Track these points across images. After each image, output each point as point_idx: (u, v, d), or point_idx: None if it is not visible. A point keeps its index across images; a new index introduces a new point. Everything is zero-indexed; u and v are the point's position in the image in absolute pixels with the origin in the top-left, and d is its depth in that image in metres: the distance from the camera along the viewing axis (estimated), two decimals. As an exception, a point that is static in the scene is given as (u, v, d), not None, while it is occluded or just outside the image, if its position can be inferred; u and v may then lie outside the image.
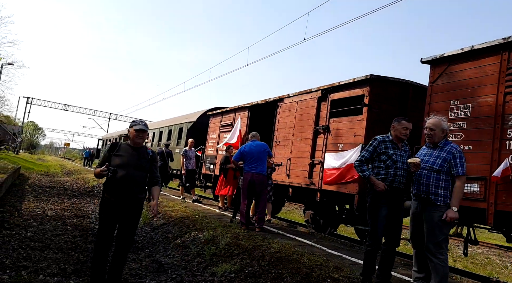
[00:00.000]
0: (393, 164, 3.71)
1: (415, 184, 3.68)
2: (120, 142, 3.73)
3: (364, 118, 6.65)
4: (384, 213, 3.66)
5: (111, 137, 30.24)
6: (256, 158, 6.47)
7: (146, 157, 3.69)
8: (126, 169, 3.52)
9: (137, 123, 3.67)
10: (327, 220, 7.72)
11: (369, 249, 3.73)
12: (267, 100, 9.60)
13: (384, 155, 3.75)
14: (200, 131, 14.14)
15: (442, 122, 3.67)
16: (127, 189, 3.58)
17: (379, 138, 3.86)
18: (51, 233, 6.40)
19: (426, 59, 5.57)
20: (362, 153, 3.88)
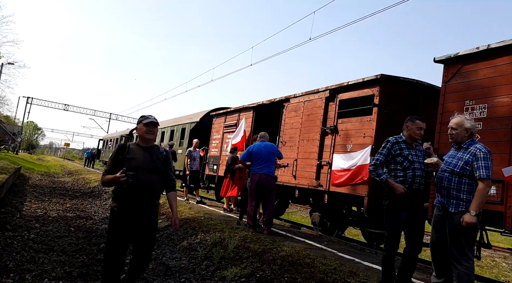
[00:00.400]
0: (410, 165, 3.58)
1: (437, 187, 3.54)
2: (128, 143, 3.23)
3: (374, 119, 6.52)
4: (404, 216, 3.53)
5: (112, 138, 30.11)
6: (264, 159, 6.35)
7: (160, 158, 3.22)
8: (140, 174, 3.01)
9: (146, 117, 3.20)
10: (335, 222, 7.59)
11: (386, 253, 3.60)
12: (272, 100, 9.48)
13: (399, 157, 3.61)
14: (203, 131, 14.01)
15: (466, 121, 3.52)
16: (144, 197, 3.06)
17: (392, 140, 3.72)
18: (54, 235, 6.27)
19: (439, 58, 5.45)
20: (376, 156, 3.73)
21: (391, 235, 3.57)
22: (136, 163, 3.06)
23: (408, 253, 3.56)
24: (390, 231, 3.59)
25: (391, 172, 3.65)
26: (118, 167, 3.02)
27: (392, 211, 3.57)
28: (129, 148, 3.16)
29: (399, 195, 3.50)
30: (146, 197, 3.08)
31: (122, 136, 26.34)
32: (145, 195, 3.07)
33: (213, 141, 12.64)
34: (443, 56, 5.41)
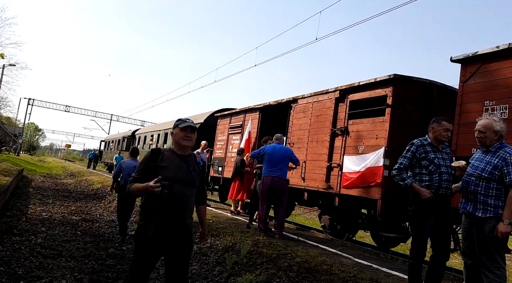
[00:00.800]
0: (436, 169, 3.42)
1: (463, 192, 3.40)
2: (162, 149, 2.73)
3: (387, 120, 6.38)
4: (431, 223, 3.38)
5: (113, 139, 29.98)
6: (277, 162, 6.20)
7: (196, 169, 2.73)
8: (175, 186, 2.52)
9: (183, 120, 2.70)
10: (346, 225, 7.45)
11: (412, 261, 3.44)
12: (279, 101, 9.35)
13: (424, 160, 3.45)
14: (208, 133, 13.86)
15: (494, 123, 3.37)
16: (178, 214, 2.58)
17: (416, 142, 3.56)
18: (62, 239, 6.14)
19: (456, 57, 5.32)
20: (400, 160, 3.56)
21: (417, 242, 3.42)
22: (170, 174, 2.57)
23: (435, 261, 3.42)
24: (416, 238, 3.44)
25: (416, 176, 3.49)
26: (149, 175, 2.58)
27: (418, 217, 3.42)
28: (163, 155, 2.68)
29: (425, 200, 3.35)
30: (180, 214, 2.60)
31: (125, 137, 26.20)
32: (179, 211, 2.59)
33: (218, 143, 12.50)
34: (461, 56, 5.28)
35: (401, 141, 6.46)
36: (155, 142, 19.52)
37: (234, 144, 11.30)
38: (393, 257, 5.52)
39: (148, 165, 2.63)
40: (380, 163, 6.28)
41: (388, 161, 6.29)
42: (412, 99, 6.57)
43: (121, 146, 26.28)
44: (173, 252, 2.61)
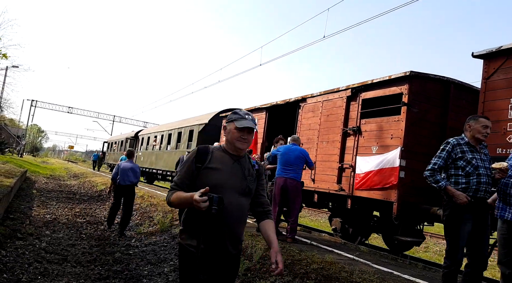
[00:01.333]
0: (474, 170, 3.17)
1: (501, 195, 3.17)
2: (211, 147, 2.21)
3: (402, 118, 6.15)
4: (468, 229, 3.13)
5: (117, 140, 29.81)
6: (292, 163, 5.97)
7: (252, 173, 2.20)
8: (228, 195, 2.01)
9: (241, 115, 2.14)
10: (358, 228, 7.21)
11: (447, 271, 3.19)
12: (287, 100, 9.12)
13: (461, 161, 3.20)
14: (212, 133, 13.66)
15: None
16: (231, 231, 2.07)
17: (452, 141, 3.30)
18: (66, 243, 5.94)
19: (479, 53, 5.09)
20: (434, 160, 3.31)
21: (453, 250, 3.17)
22: (222, 178, 2.07)
23: (472, 270, 3.16)
24: (451, 245, 3.19)
25: (451, 178, 3.25)
26: (194, 181, 2.08)
27: (453, 223, 3.17)
28: (212, 154, 2.15)
29: (461, 205, 3.11)
30: (232, 229, 2.07)
31: (128, 138, 26.02)
32: (232, 226, 2.07)
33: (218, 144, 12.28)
34: (483, 51, 5.05)
35: (417, 141, 6.25)
36: (158, 143, 19.33)
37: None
38: (411, 262, 5.28)
39: (194, 166, 2.10)
40: (396, 164, 6.05)
41: (405, 162, 6.06)
42: (428, 97, 6.33)
43: (124, 147, 26.10)
44: (218, 274, 2.10)
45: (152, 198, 11.03)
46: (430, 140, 6.37)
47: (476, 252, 3.15)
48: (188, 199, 1.93)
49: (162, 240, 6.77)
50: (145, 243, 6.61)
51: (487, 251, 3.24)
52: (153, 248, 6.26)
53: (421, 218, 6.40)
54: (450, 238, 3.20)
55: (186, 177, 2.11)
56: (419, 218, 6.40)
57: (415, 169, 6.20)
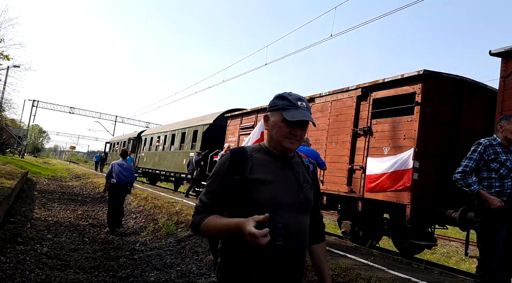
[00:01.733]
0: (508, 173, 2.98)
1: None
2: (248, 149, 1.57)
3: (416, 119, 5.95)
4: (503, 236, 2.94)
5: (119, 140, 29.67)
6: None
7: (308, 179, 1.59)
8: (285, 216, 1.44)
9: (292, 102, 1.49)
10: (369, 231, 7.01)
11: (480, 281, 2.98)
12: (295, 100, 8.92)
13: (494, 163, 3.01)
14: (217, 134, 13.49)
15: None
16: (295, 262, 1.48)
17: (484, 142, 3.10)
18: (69, 248, 5.76)
19: (497, 50, 4.89)
20: (465, 162, 3.11)
21: (487, 258, 2.96)
22: (273, 194, 1.46)
23: (503, 279, 2.96)
24: (485, 253, 2.99)
25: (483, 181, 3.06)
26: (232, 199, 1.49)
27: (487, 230, 2.97)
28: (252, 160, 1.51)
29: (495, 210, 2.91)
30: (296, 265, 1.48)
31: (130, 139, 25.88)
32: (295, 260, 1.48)
33: (228, 144, 12.09)
34: (502, 49, 4.85)
35: (430, 141, 6.05)
36: (162, 144, 19.17)
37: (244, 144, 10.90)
38: (427, 267, 5.08)
39: (229, 181, 1.47)
40: (410, 166, 5.85)
41: (418, 163, 5.87)
42: (441, 96, 6.14)
43: (127, 148, 25.97)
44: None
45: (156, 199, 10.85)
46: (443, 141, 6.18)
47: (509, 260, 2.94)
48: (234, 230, 1.35)
49: (167, 244, 6.59)
50: (150, 247, 6.42)
51: None
52: (158, 253, 6.07)
53: (435, 221, 6.20)
54: (484, 246, 2.99)
55: (218, 197, 1.48)
56: (433, 221, 6.21)
57: (428, 170, 6.02)
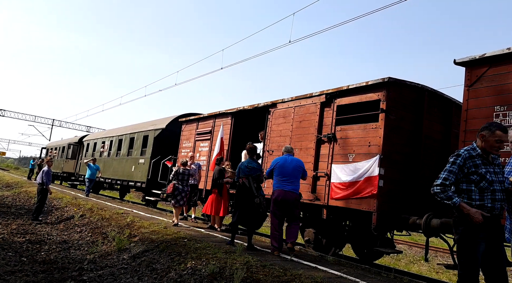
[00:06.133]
0: (488, 185, 2.88)
1: (511, 212, 2.96)
2: None
3: (381, 126, 5.97)
4: (482, 249, 2.85)
5: (57, 146, 27.43)
6: (290, 174, 5.81)
7: None
8: None
9: None
10: (332, 239, 6.92)
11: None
12: (255, 105, 8.69)
13: (474, 175, 2.90)
14: (170, 139, 12.86)
15: None
16: None
17: (464, 154, 2.97)
18: (4, 270, 4.97)
19: (461, 60, 5.02)
20: (444, 174, 2.97)
21: (468, 274, 2.85)
22: None
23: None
24: (465, 268, 2.88)
25: (462, 193, 2.95)
26: None
27: (467, 244, 2.86)
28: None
29: (476, 224, 2.82)
30: None
31: (70, 144, 24.01)
32: None
33: (183, 150, 11.55)
34: (466, 58, 4.99)
35: (394, 149, 6.11)
36: (107, 150, 17.97)
37: (202, 151, 10.45)
38: (396, 276, 5.04)
39: None
40: (376, 173, 5.85)
41: (383, 170, 5.88)
42: (405, 104, 6.24)
43: (66, 154, 24.07)
44: None
45: (103, 210, 10.00)
46: (406, 148, 6.27)
47: (493, 276, 2.86)
48: None
49: (120, 261, 5.97)
50: (101, 266, 5.77)
51: (505, 271, 2.95)
52: (111, 271, 5.46)
53: (399, 227, 6.25)
54: (465, 260, 2.87)
55: None
56: (398, 227, 6.26)
57: (393, 177, 6.06)
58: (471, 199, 2.90)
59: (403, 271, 7.03)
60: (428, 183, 6.25)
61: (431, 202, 6.10)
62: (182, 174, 8.38)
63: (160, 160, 12.73)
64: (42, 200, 10.34)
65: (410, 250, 12.70)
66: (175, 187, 8.29)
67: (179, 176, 8.34)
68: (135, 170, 14.39)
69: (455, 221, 2.99)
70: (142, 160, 13.99)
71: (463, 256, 2.90)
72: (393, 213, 5.97)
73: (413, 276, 6.27)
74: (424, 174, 6.32)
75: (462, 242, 2.90)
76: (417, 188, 6.23)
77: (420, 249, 12.69)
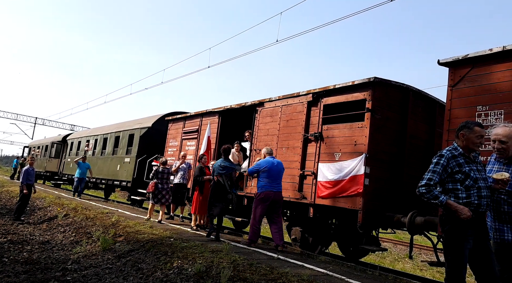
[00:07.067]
0: (474, 183, 2.94)
1: (495, 213, 3.02)
2: None
3: (366, 125, 6.03)
4: (469, 246, 2.90)
5: (40, 144, 26.89)
6: (277, 176, 6.31)
7: None
8: None
9: None
10: (319, 238, 6.96)
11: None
12: (243, 104, 8.68)
13: (459, 174, 2.96)
14: (156, 138, 12.75)
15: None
16: None
17: (447, 154, 3.02)
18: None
19: (445, 60, 5.11)
20: (428, 175, 3.00)
21: (456, 270, 2.89)
22: None
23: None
24: (453, 265, 2.91)
25: (449, 193, 2.99)
26: None
27: (456, 241, 2.90)
28: None
29: (464, 220, 2.87)
30: None
31: (54, 142, 23.56)
32: None
33: (170, 149, 11.47)
34: (449, 59, 5.08)
35: (380, 147, 6.19)
36: (91, 149, 17.70)
37: (189, 150, 10.39)
38: (381, 273, 5.10)
39: None
40: (361, 171, 5.91)
41: (369, 169, 5.95)
42: (390, 104, 6.32)
43: (49, 153, 23.60)
44: None
45: (87, 210, 9.85)
46: (391, 147, 6.36)
47: (485, 272, 2.90)
48: None
49: (105, 261, 5.89)
50: (85, 266, 5.68)
51: (495, 265, 3.00)
52: (95, 272, 5.38)
53: (384, 225, 6.33)
54: (452, 257, 2.91)
55: None
56: (383, 225, 6.34)
57: (378, 176, 6.14)
58: (458, 198, 2.94)
59: (388, 269, 7.13)
60: (412, 182, 6.38)
61: (415, 201, 6.20)
62: (162, 172, 8.69)
63: (146, 159, 12.61)
64: (24, 200, 10.11)
65: (395, 248, 12.89)
66: (156, 185, 8.57)
67: (159, 174, 8.67)
68: (120, 169, 14.21)
69: (442, 220, 3.03)
70: (128, 159, 13.83)
71: (450, 254, 2.93)
72: (378, 211, 6.04)
73: (398, 273, 6.37)
74: (408, 173, 6.42)
75: (450, 239, 2.94)
76: (402, 186, 6.32)
77: (404, 246, 12.89)
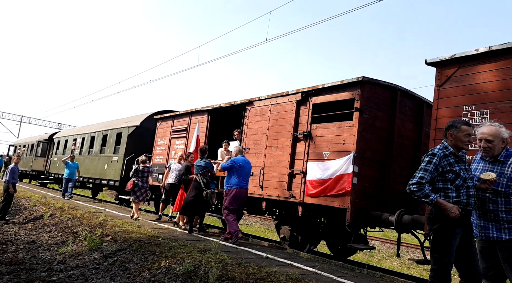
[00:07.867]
0: (463, 182, 2.97)
1: (480, 211, 3.06)
2: None
3: (355, 124, 6.07)
4: (456, 243, 2.93)
5: (26, 143, 26.42)
6: (247, 175, 6.65)
7: None
8: None
9: None
10: (307, 236, 6.99)
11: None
12: (232, 103, 8.65)
13: (450, 173, 2.97)
14: (145, 137, 12.64)
15: (501, 130, 3.10)
16: None
17: (439, 153, 3.03)
18: (-35, 273, 4.73)
19: (432, 60, 5.16)
20: (420, 173, 3.01)
21: (442, 268, 2.92)
22: None
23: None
24: (439, 263, 2.93)
25: (439, 192, 3.01)
26: None
27: (443, 238, 2.93)
28: None
29: (453, 219, 2.89)
30: None
31: (40, 141, 23.16)
32: None
33: (158, 148, 11.38)
34: (436, 59, 5.13)
35: (368, 146, 6.23)
36: (78, 147, 17.46)
37: (178, 149, 10.32)
38: (369, 271, 5.14)
39: None
40: (350, 170, 5.94)
41: (357, 168, 5.98)
42: (378, 103, 6.36)
43: (35, 152, 23.21)
44: None
45: (74, 209, 9.71)
46: (379, 146, 6.41)
47: (470, 267, 2.95)
48: None
49: (92, 261, 5.81)
50: (71, 266, 5.60)
51: (478, 263, 3.04)
52: (82, 272, 5.31)
53: (372, 224, 6.37)
54: (440, 255, 2.93)
55: None
56: (371, 224, 6.38)
57: (366, 175, 6.18)
58: (448, 197, 2.97)
59: (376, 267, 7.19)
60: (400, 181, 6.44)
61: (403, 199, 6.26)
62: (142, 171, 8.82)
63: (134, 158, 12.47)
64: (8, 199, 9.92)
65: (382, 246, 13.01)
66: (135, 183, 8.69)
67: (139, 173, 8.79)
68: (108, 168, 14.05)
69: (430, 218, 3.04)
70: (116, 158, 13.68)
71: (437, 251, 2.95)
72: (366, 210, 6.08)
73: (385, 271, 6.43)
74: (396, 172, 6.47)
75: (438, 237, 2.96)
76: (390, 185, 6.37)
77: (392, 245, 13.01)
